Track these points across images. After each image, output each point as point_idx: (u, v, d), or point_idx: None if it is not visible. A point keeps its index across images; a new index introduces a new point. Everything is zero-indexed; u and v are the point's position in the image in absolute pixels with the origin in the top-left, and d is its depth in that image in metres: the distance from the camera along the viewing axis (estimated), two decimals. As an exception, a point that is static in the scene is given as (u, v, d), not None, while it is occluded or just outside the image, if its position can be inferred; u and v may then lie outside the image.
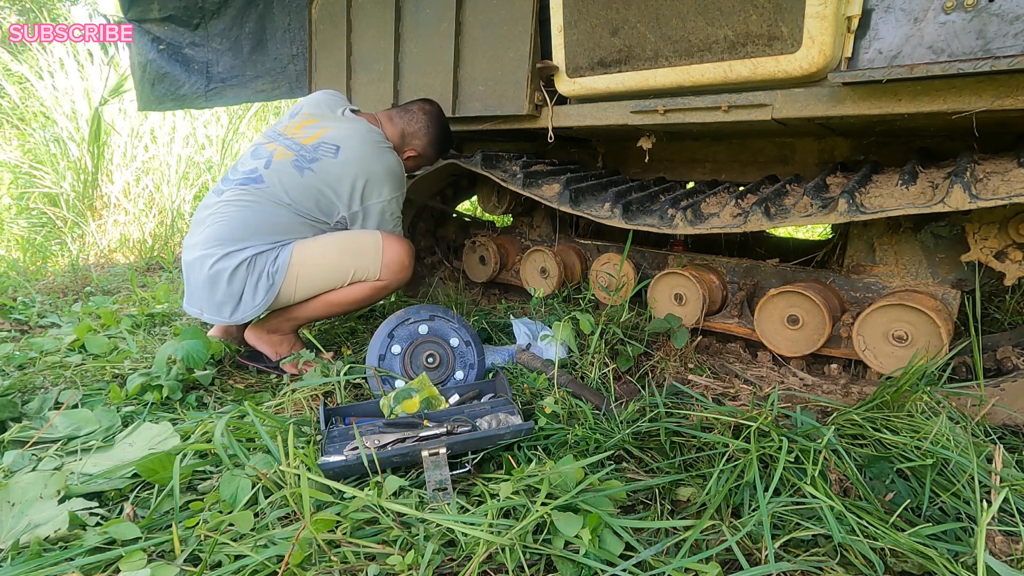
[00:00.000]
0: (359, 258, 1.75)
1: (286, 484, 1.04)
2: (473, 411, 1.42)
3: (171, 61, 2.89)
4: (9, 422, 1.42)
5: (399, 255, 1.79)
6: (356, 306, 1.85)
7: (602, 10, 1.65)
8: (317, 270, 1.73)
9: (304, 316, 1.83)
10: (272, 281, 1.69)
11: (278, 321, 1.84)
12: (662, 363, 1.67)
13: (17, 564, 0.88)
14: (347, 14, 2.44)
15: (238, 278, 1.66)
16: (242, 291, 1.68)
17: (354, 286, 1.78)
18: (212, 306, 1.71)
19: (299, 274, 1.72)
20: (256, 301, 1.70)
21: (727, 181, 2.08)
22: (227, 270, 1.65)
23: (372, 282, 1.77)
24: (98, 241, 4.21)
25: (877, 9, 1.27)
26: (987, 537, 0.90)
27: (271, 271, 1.69)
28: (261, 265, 1.68)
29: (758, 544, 0.93)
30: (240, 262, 1.66)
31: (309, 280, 1.73)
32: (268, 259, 1.69)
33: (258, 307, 1.70)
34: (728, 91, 1.52)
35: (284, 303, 1.77)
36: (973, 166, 1.28)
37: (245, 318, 1.72)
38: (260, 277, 1.68)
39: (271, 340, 1.85)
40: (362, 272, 1.75)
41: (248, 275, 1.67)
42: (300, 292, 1.75)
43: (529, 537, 0.93)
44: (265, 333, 1.86)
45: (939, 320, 1.38)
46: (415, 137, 2.00)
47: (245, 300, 1.69)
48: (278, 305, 1.77)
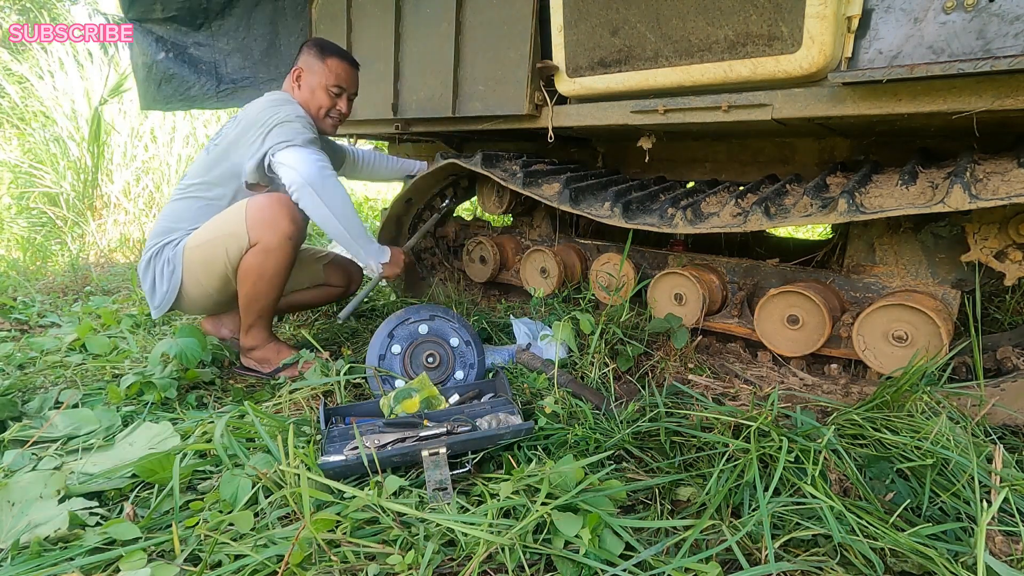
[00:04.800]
0: (226, 227, 1.71)
1: (286, 484, 1.04)
2: (473, 411, 1.42)
3: (178, 62, 2.88)
4: (9, 421, 1.42)
5: (260, 210, 1.69)
6: (266, 280, 1.74)
7: (602, 10, 1.65)
8: (200, 251, 1.77)
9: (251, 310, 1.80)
10: (174, 266, 1.80)
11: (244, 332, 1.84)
12: (662, 363, 1.67)
13: (17, 564, 0.88)
14: (347, 14, 2.44)
15: (151, 269, 1.83)
16: (154, 279, 1.83)
17: (244, 258, 1.72)
18: (149, 300, 1.89)
19: (191, 258, 1.78)
20: (165, 288, 1.81)
21: (727, 181, 2.08)
22: (142, 265, 1.85)
23: (252, 248, 1.70)
24: (98, 241, 4.21)
25: (877, 9, 1.27)
26: (987, 537, 0.90)
27: (171, 257, 1.81)
28: (166, 254, 1.81)
29: (758, 544, 0.93)
30: (151, 256, 1.82)
31: (202, 261, 1.77)
32: (170, 248, 1.82)
33: (168, 293, 1.82)
34: (728, 91, 1.52)
35: (202, 289, 1.81)
36: (973, 166, 1.28)
37: (166, 303, 1.83)
38: (164, 264, 1.82)
39: (255, 357, 1.86)
40: (234, 242, 1.70)
41: (156, 264, 1.82)
42: (203, 275, 1.78)
43: (529, 537, 0.93)
44: (248, 354, 1.86)
45: (939, 320, 1.38)
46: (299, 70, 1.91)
47: (158, 288, 1.82)
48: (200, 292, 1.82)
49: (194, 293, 1.82)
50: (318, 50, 1.91)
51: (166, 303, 1.83)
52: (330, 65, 1.90)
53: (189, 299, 1.84)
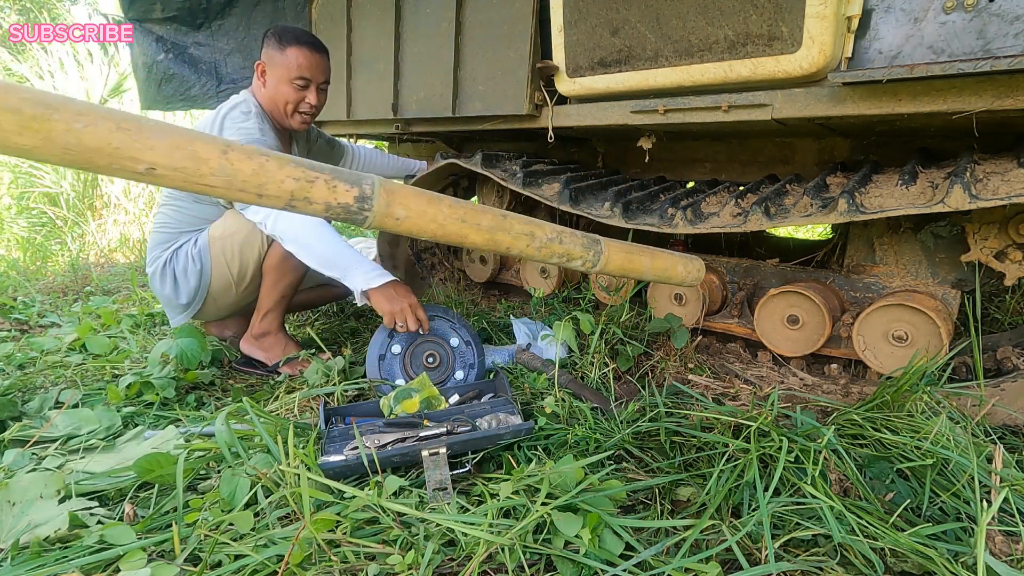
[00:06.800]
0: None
1: (286, 484, 1.04)
2: (473, 411, 1.42)
3: (178, 61, 2.88)
4: (9, 421, 1.42)
5: None
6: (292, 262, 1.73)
7: (602, 10, 1.65)
8: (229, 240, 1.77)
9: (271, 300, 1.82)
10: (200, 262, 1.78)
11: (260, 317, 1.85)
12: (662, 363, 1.67)
13: (17, 564, 0.88)
14: (347, 14, 2.44)
15: (168, 273, 1.81)
16: (175, 280, 1.81)
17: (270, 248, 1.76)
18: (171, 311, 1.87)
19: (219, 248, 1.77)
20: (193, 283, 1.80)
21: (727, 181, 2.08)
22: (155, 273, 1.83)
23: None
24: (98, 241, 4.21)
25: (877, 9, 1.27)
26: (987, 537, 0.90)
27: (194, 254, 1.79)
28: (186, 252, 1.80)
29: (758, 544, 0.93)
30: (166, 261, 1.81)
31: (234, 247, 1.77)
32: (189, 246, 1.80)
33: (199, 289, 1.81)
34: (728, 91, 1.52)
35: (227, 281, 1.81)
36: (973, 166, 1.28)
37: (198, 300, 1.83)
38: (188, 262, 1.80)
39: (263, 345, 1.86)
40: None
41: (175, 266, 1.80)
42: (233, 262, 1.78)
43: (529, 537, 0.93)
44: (254, 339, 1.87)
45: (939, 320, 1.38)
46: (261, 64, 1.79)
47: (183, 287, 1.81)
48: (224, 285, 1.82)
49: (218, 287, 1.83)
50: (276, 40, 1.75)
51: (198, 300, 1.82)
52: (290, 55, 1.73)
53: (211, 296, 1.85)
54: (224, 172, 0.81)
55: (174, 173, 0.78)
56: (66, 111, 0.70)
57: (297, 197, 0.88)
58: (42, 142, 0.70)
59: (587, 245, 1.24)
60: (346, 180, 0.92)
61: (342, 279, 1.61)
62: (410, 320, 1.59)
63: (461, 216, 1.05)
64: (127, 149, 0.74)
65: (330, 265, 1.59)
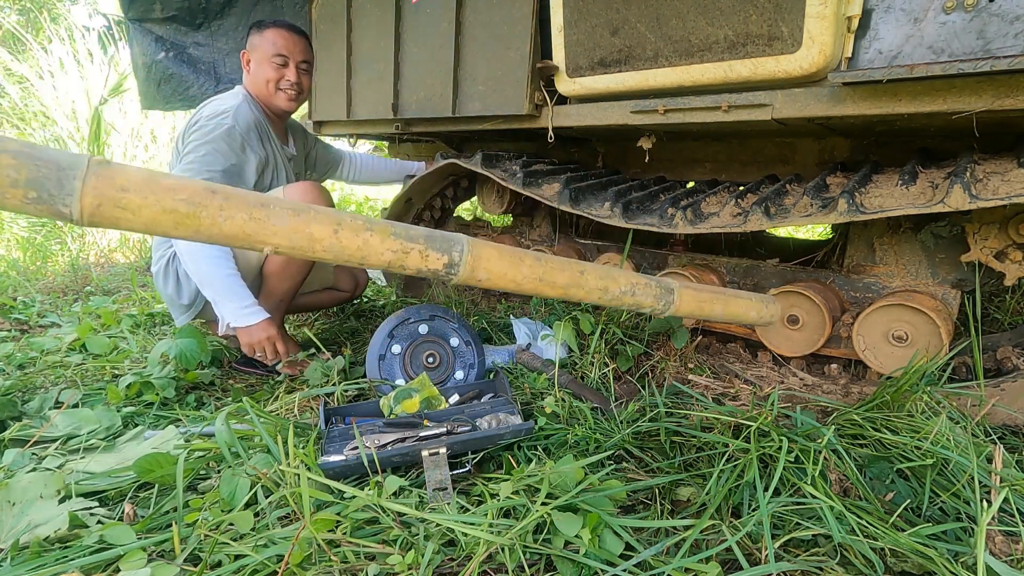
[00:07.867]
0: None
1: (286, 484, 1.04)
2: (473, 411, 1.42)
3: (177, 61, 2.88)
4: (9, 421, 1.42)
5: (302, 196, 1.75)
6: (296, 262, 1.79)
7: (602, 10, 1.65)
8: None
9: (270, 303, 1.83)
10: None
11: None
12: (662, 363, 1.67)
13: (17, 564, 0.88)
14: (347, 14, 2.43)
15: (171, 273, 1.82)
16: (178, 280, 1.82)
17: None
18: (174, 310, 1.88)
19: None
20: (193, 287, 1.81)
21: (727, 181, 2.08)
22: (159, 273, 1.84)
23: None
24: (98, 241, 4.20)
25: (877, 9, 1.27)
26: (987, 537, 0.90)
27: None
28: None
29: (758, 544, 0.93)
30: (168, 260, 1.82)
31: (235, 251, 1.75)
32: None
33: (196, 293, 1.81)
34: (728, 91, 1.52)
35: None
36: (973, 166, 1.28)
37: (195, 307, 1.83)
38: None
39: None
40: None
41: (177, 265, 1.81)
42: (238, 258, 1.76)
43: (529, 537, 0.93)
44: None
45: (939, 320, 1.38)
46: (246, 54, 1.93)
47: (185, 286, 1.81)
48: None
49: None
50: (256, 27, 1.93)
51: (200, 300, 1.83)
52: (267, 35, 1.90)
53: None
54: (334, 249, 0.94)
55: (292, 251, 0.92)
56: (211, 207, 0.83)
57: (394, 265, 1.00)
58: (192, 233, 0.84)
59: (659, 296, 1.26)
60: (438, 248, 1.01)
61: (214, 304, 1.68)
62: (268, 350, 1.69)
63: (539, 276, 1.11)
64: (257, 235, 0.88)
65: (207, 286, 1.66)
